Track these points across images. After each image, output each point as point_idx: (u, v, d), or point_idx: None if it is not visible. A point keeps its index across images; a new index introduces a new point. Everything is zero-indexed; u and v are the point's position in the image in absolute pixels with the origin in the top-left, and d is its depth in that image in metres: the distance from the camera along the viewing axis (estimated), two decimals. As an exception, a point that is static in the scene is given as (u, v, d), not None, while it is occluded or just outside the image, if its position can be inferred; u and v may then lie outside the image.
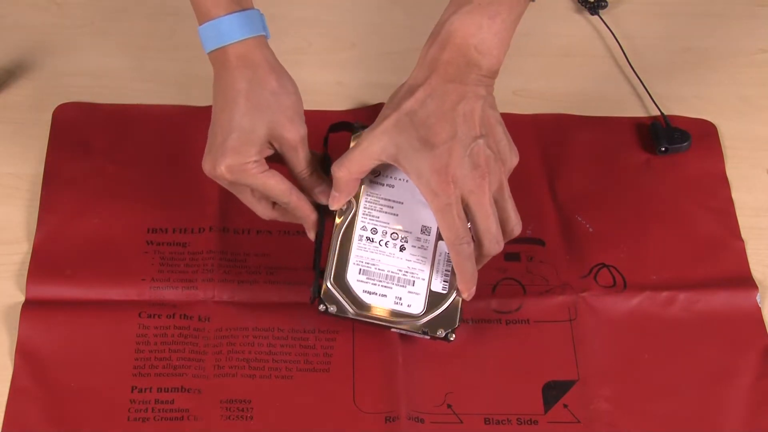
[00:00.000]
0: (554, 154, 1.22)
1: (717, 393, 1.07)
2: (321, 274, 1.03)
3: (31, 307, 1.08)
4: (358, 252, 1.04)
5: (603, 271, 1.14)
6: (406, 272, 1.04)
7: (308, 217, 1.05)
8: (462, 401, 1.06)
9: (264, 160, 1.02)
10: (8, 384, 1.04)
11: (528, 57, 1.28)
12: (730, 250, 1.17)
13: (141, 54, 1.27)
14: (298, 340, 1.08)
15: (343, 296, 1.03)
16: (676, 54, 1.33)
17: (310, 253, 1.09)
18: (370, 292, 1.04)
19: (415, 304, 1.04)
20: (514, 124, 1.06)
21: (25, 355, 1.06)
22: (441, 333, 1.03)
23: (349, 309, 1.03)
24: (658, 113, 1.26)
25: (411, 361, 1.07)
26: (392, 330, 1.05)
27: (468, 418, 1.05)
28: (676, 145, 1.23)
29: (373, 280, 1.04)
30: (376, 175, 1.06)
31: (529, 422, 1.05)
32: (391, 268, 1.04)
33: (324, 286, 1.03)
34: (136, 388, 1.05)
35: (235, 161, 1.00)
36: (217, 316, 1.09)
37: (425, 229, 1.06)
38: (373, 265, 1.04)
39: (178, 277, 1.11)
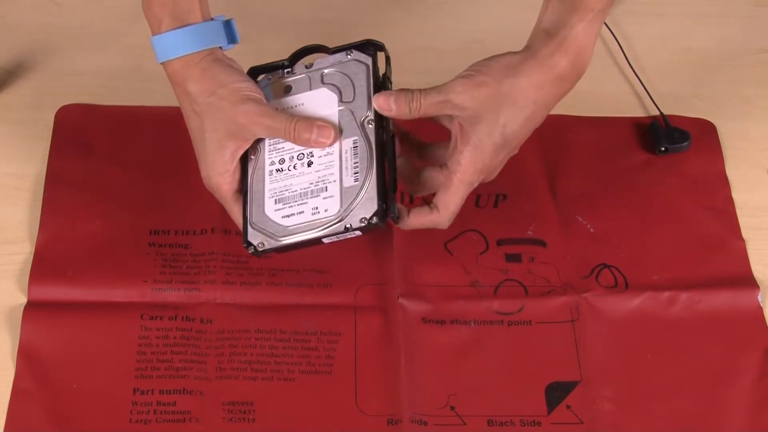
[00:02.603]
0: (554, 154, 1.22)
1: (719, 393, 1.07)
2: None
3: (33, 308, 1.08)
4: (271, 186, 1.04)
5: (604, 271, 1.14)
6: (318, 182, 1.03)
7: None
8: (465, 403, 1.06)
9: (236, 174, 1.04)
10: (10, 385, 1.04)
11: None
12: (730, 249, 1.17)
13: (141, 54, 1.26)
14: (300, 342, 1.08)
15: (265, 230, 1.03)
16: (676, 54, 1.33)
17: (312, 256, 1.11)
18: (288, 215, 1.03)
19: (331, 207, 1.02)
20: (515, 125, 1.06)
21: (27, 357, 1.06)
22: (363, 222, 1.01)
23: (274, 240, 1.03)
24: (658, 113, 1.26)
25: (413, 363, 1.07)
26: (325, 242, 1.03)
27: (471, 420, 1.05)
28: (676, 144, 1.23)
29: (289, 203, 1.03)
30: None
31: (532, 423, 1.05)
32: (302, 186, 1.03)
33: (248, 230, 1.04)
34: (138, 389, 1.05)
35: (207, 173, 1.04)
36: (219, 318, 1.09)
37: None
38: (287, 190, 1.04)
39: (180, 278, 1.11)
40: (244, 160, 1.05)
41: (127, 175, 1.17)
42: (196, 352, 1.07)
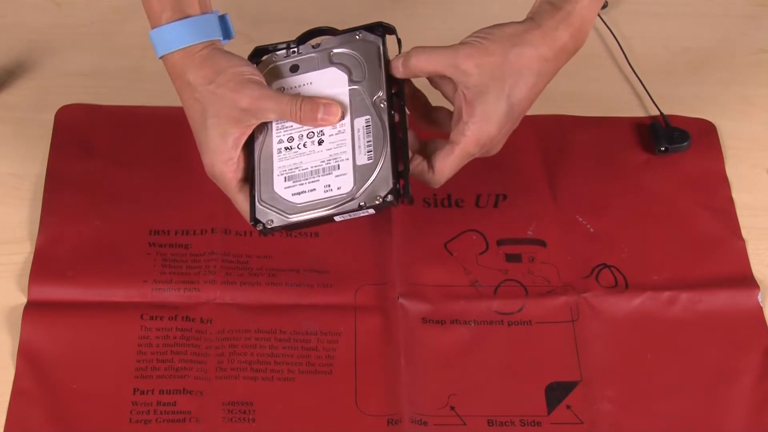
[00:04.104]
0: (554, 154, 1.22)
1: (719, 393, 1.07)
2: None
3: (33, 308, 1.08)
4: (279, 164, 1.03)
5: (604, 271, 1.14)
6: (330, 160, 1.02)
7: None
8: (465, 403, 1.06)
9: (241, 162, 1.03)
10: (10, 385, 1.04)
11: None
12: (730, 249, 1.17)
13: (141, 54, 1.27)
14: (300, 342, 1.08)
15: (274, 208, 1.02)
16: (676, 54, 1.33)
17: (312, 256, 1.12)
18: (299, 193, 1.02)
19: (344, 184, 1.01)
20: (514, 125, 1.06)
21: (27, 357, 1.06)
22: (378, 200, 1.00)
23: (285, 217, 1.02)
24: (658, 113, 1.26)
25: (413, 363, 1.07)
26: (337, 220, 1.02)
27: (471, 420, 1.05)
28: (676, 144, 1.23)
29: (300, 181, 1.02)
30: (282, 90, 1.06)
31: (532, 423, 1.05)
32: (313, 164, 1.02)
33: (256, 207, 1.03)
34: (138, 390, 1.05)
35: (211, 161, 1.03)
36: (219, 318, 1.09)
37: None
38: (297, 168, 1.03)
39: (180, 278, 1.11)
40: (249, 145, 1.05)
41: (127, 175, 1.17)
42: (196, 352, 1.07)
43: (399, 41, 1.06)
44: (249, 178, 1.04)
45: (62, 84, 1.25)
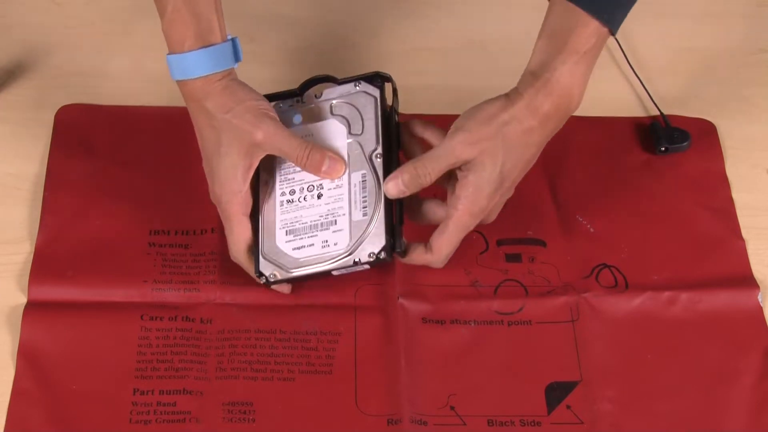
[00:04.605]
0: (554, 154, 1.22)
1: (720, 393, 1.07)
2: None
3: (33, 308, 1.08)
4: (281, 217, 1.07)
5: (604, 271, 1.14)
6: (327, 215, 1.06)
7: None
8: (465, 403, 1.05)
9: (248, 198, 1.06)
10: (10, 385, 1.04)
11: (528, 57, 1.27)
12: (731, 249, 1.17)
13: (141, 54, 1.27)
14: (300, 342, 1.08)
15: (276, 261, 1.06)
16: (676, 54, 1.33)
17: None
18: (298, 248, 1.06)
19: (341, 240, 1.05)
20: (515, 125, 1.06)
21: (27, 357, 1.06)
22: (371, 256, 1.04)
23: (285, 271, 1.05)
24: (658, 113, 1.26)
25: (413, 363, 1.07)
26: (334, 274, 1.06)
27: (471, 420, 1.05)
28: (676, 144, 1.23)
29: (300, 235, 1.06)
30: None
31: (532, 423, 1.05)
32: (312, 218, 1.06)
33: (260, 261, 1.06)
34: (138, 390, 1.05)
35: (220, 190, 1.05)
36: (219, 318, 1.09)
37: None
38: (297, 221, 1.06)
39: (180, 278, 1.11)
40: (255, 189, 1.07)
41: (127, 175, 1.17)
42: (196, 352, 1.07)
43: (395, 90, 1.09)
44: (252, 226, 1.07)
45: (62, 84, 1.25)
